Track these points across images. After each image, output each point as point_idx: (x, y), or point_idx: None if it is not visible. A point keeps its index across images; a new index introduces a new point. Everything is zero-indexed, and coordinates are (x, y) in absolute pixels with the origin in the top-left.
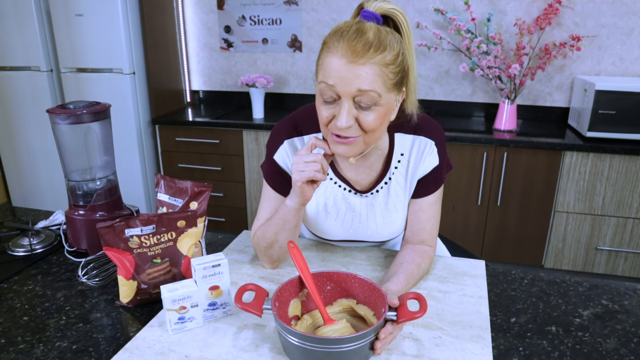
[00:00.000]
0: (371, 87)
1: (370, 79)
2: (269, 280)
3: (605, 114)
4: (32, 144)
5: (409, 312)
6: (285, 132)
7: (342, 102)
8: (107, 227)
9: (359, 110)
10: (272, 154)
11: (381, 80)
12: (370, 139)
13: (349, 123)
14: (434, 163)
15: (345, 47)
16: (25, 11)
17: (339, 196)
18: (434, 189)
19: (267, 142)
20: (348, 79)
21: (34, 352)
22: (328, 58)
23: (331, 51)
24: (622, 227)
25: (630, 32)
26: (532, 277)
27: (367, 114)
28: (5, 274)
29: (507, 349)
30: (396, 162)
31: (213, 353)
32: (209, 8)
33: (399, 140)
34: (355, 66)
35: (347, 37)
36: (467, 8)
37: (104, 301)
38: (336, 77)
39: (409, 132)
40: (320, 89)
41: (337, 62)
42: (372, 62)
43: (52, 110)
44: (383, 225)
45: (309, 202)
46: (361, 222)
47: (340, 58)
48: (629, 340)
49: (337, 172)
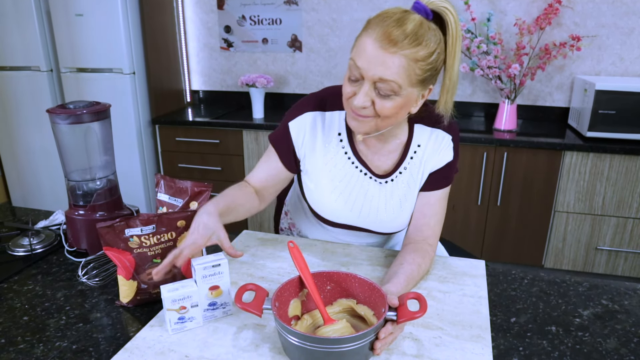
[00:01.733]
0: (393, 77)
1: (395, 70)
2: (269, 280)
3: (605, 114)
4: (32, 144)
5: (409, 312)
6: (311, 105)
7: (363, 83)
8: (107, 227)
9: (377, 96)
10: (288, 121)
11: (406, 74)
12: (382, 124)
13: (365, 104)
14: (449, 158)
15: (382, 32)
16: (25, 11)
17: (354, 178)
18: (443, 184)
19: (288, 112)
20: (375, 64)
21: (34, 352)
22: (364, 38)
23: (369, 32)
24: (622, 227)
25: (630, 32)
26: (532, 277)
27: (384, 101)
28: (5, 274)
29: (507, 348)
30: (413, 152)
31: (213, 353)
32: (209, 8)
33: (418, 131)
34: (385, 52)
35: (388, 23)
36: (467, 8)
37: (104, 301)
38: (365, 59)
39: (429, 125)
40: (350, 65)
41: (370, 44)
42: (402, 53)
43: (52, 110)
44: (392, 214)
45: (322, 178)
46: (371, 209)
47: (374, 41)
48: (629, 340)
49: (357, 155)
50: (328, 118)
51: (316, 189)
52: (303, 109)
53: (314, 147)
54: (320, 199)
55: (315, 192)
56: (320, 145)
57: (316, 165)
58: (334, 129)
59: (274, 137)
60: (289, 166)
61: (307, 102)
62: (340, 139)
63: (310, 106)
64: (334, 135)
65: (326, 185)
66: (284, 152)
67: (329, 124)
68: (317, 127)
